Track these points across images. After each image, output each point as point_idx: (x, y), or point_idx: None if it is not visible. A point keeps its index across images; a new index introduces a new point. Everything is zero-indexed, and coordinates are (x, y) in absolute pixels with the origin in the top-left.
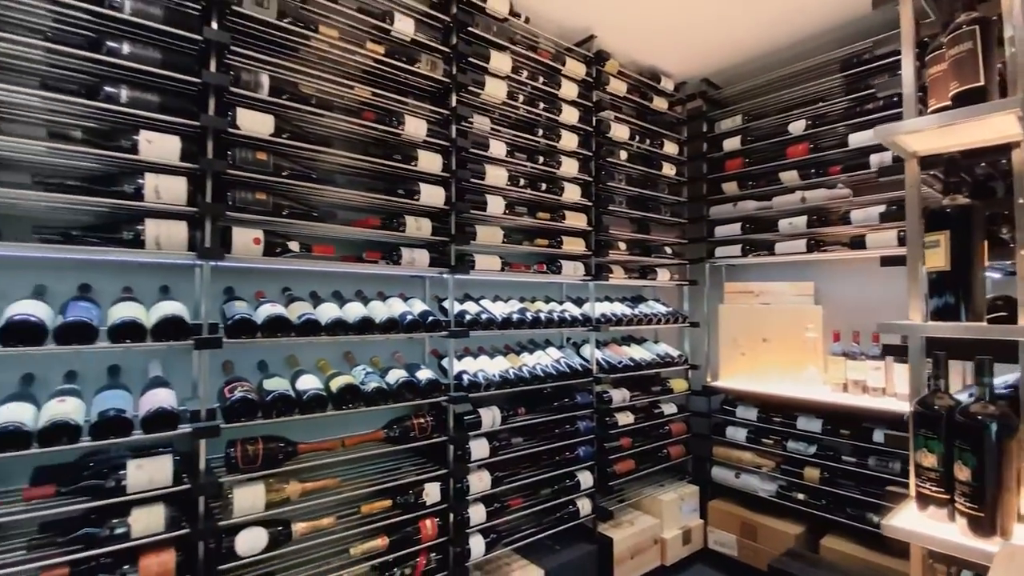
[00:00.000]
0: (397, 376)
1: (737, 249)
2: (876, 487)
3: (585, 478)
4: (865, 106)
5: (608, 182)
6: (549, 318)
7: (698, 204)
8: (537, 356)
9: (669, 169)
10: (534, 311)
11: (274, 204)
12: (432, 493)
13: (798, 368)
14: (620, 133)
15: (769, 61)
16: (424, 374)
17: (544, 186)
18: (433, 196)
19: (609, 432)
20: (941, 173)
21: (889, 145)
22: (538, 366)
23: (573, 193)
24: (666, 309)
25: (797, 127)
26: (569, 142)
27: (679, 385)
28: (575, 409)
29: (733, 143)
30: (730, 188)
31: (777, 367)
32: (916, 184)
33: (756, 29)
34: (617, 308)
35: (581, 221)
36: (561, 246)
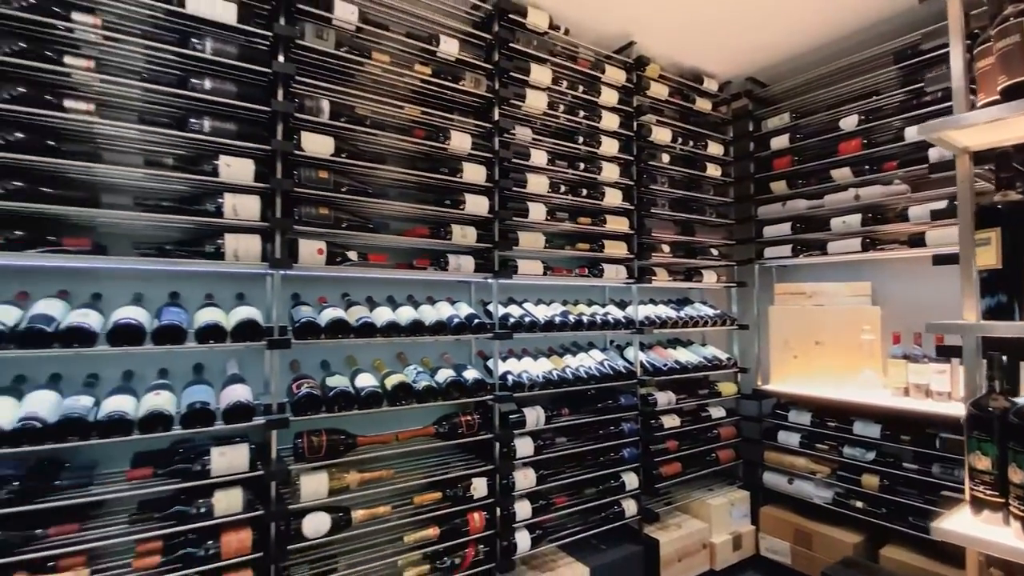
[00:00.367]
0: (446, 375)
1: (787, 249)
2: (941, 495)
3: (630, 479)
4: (923, 98)
5: (650, 185)
6: (591, 321)
7: (745, 204)
8: (580, 358)
9: (714, 170)
10: (576, 314)
11: (335, 218)
12: (479, 487)
13: (854, 371)
14: (662, 136)
15: (815, 57)
16: (471, 374)
17: (585, 191)
18: (478, 205)
19: (654, 434)
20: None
21: (935, 142)
22: (581, 368)
23: (614, 197)
24: (713, 311)
25: (849, 123)
26: (610, 147)
27: (728, 388)
28: (619, 411)
29: (781, 141)
30: (778, 187)
31: (831, 370)
32: (967, 180)
33: (801, 24)
34: (661, 311)
35: (623, 225)
36: (603, 250)
